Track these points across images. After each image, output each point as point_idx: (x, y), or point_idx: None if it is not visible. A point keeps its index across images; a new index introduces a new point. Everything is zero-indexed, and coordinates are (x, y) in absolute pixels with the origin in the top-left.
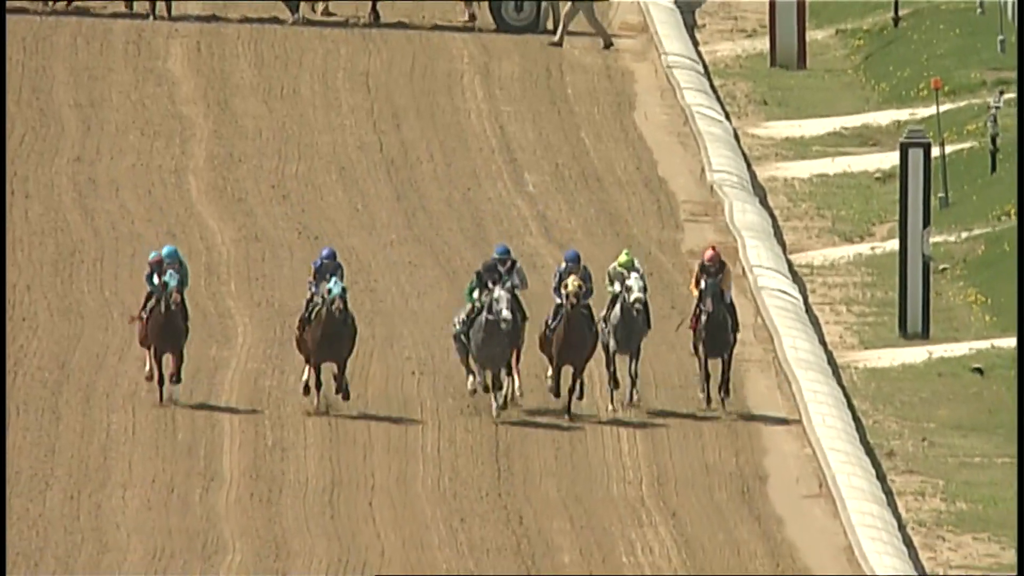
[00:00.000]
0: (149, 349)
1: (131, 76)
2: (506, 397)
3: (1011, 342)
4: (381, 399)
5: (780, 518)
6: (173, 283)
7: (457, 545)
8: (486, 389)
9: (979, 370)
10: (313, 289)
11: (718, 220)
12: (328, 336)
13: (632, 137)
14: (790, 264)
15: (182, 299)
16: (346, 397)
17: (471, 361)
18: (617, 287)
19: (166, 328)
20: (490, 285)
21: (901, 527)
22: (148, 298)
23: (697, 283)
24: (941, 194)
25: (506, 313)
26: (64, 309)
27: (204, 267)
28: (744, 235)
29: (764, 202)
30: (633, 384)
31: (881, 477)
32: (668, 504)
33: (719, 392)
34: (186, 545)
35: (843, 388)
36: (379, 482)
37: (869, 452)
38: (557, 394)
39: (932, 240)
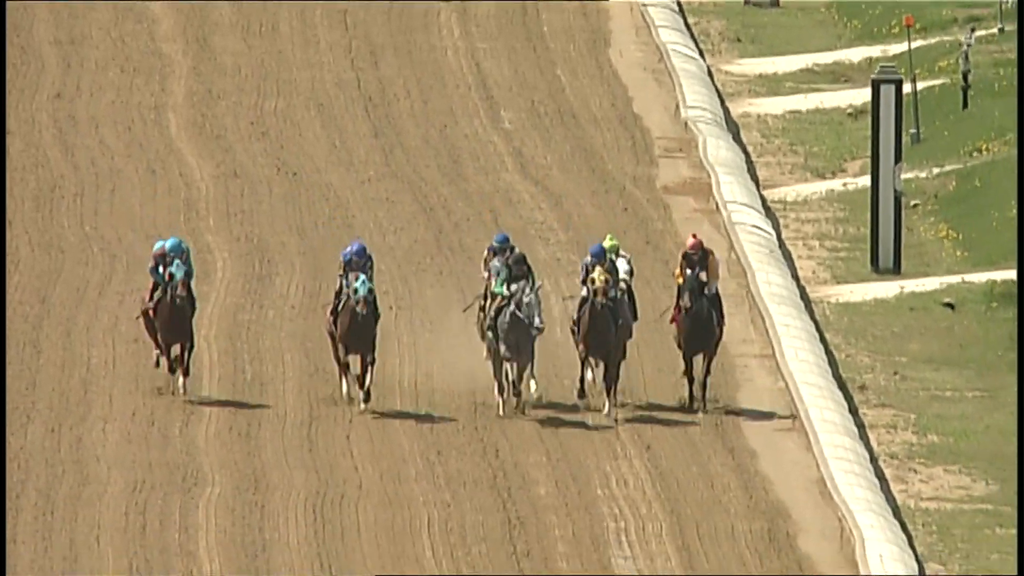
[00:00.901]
0: (156, 340)
1: (111, 14)
2: (524, 403)
3: (982, 277)
4: None
5: (753, 451)
6: (180, 274)
7: (434, 478)
8: (502, 390)
9: (950, 304)
10: (343, 281)
11: (692, 156)
12: (354, 329)
13: (607, 74)
14: (763, 200)
15: (189, 290)
16: (367, 398)
17: (495, 357)
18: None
19: (172, 319)
20: (521, 283)
21: (873, 459)
22: (154, 289)
23: (682, 272)
24: (913, 130)
25: (538, 322)
26: (45, 244)
27: (183, 203)
28: (718, 171)
29: (737, 138)
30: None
31: (853, 410)
32: (642, 437)
33: (700, 391)
34: (166, 477)
35: (816, 322)
36: (356, 415)
37: (841, 386)
38: (582, 395)
39: (904, 176)
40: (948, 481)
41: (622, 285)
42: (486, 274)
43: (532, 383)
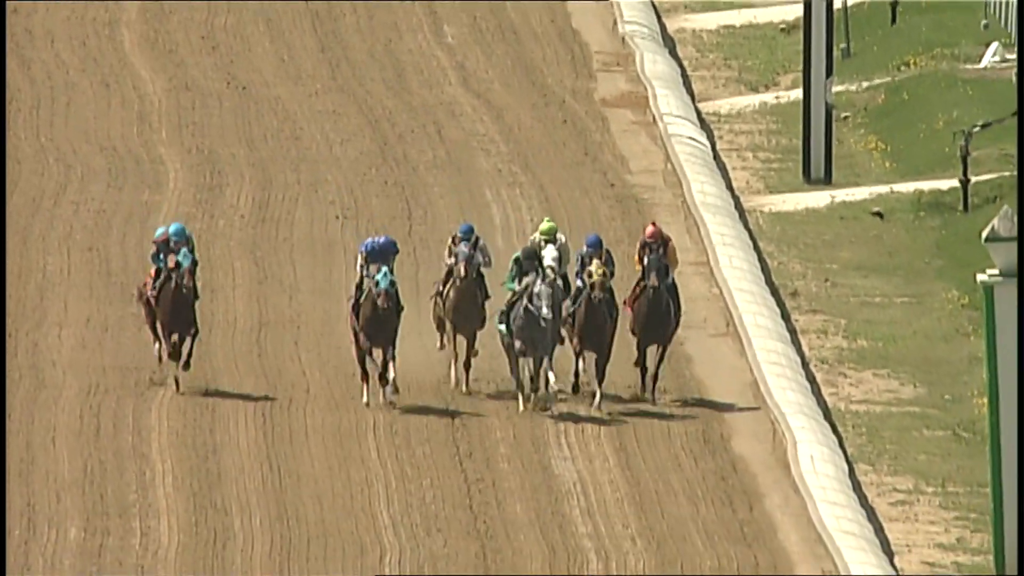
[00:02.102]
0: (154, 329)
1: None
2: (544, 398)
3: (909, 187)
4: (306, 242)
5: (689, 356)
6: (187, 263)
7: (378, 382)
8: (520, 387)
9: (879, 214)
10: (364, 272)
11: (629, 70)
12: (375, 323)
13: None
14: (698, 112)
15: (194, 279)
16: (395, 391)
17: (510, 354)
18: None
19: (176, 308)
20: (532, 275)
21: (804, 364)
22: (156, 276)
23: (640, 259)
24: (843, 45)
25: (546, 312)
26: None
27: (136, 115)
28: (654, 84)
29: (673, 53)
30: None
31: (785, 316)
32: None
33: (651, 382)
34: (119, 382)
35: (749, 231)
36: (305, 321)
37: (774, 292)
38: (576, 389)
39: (834, 89)
40: (877, 385)
41: (549, 273)
42: (451, 260)
43: (551, 376)
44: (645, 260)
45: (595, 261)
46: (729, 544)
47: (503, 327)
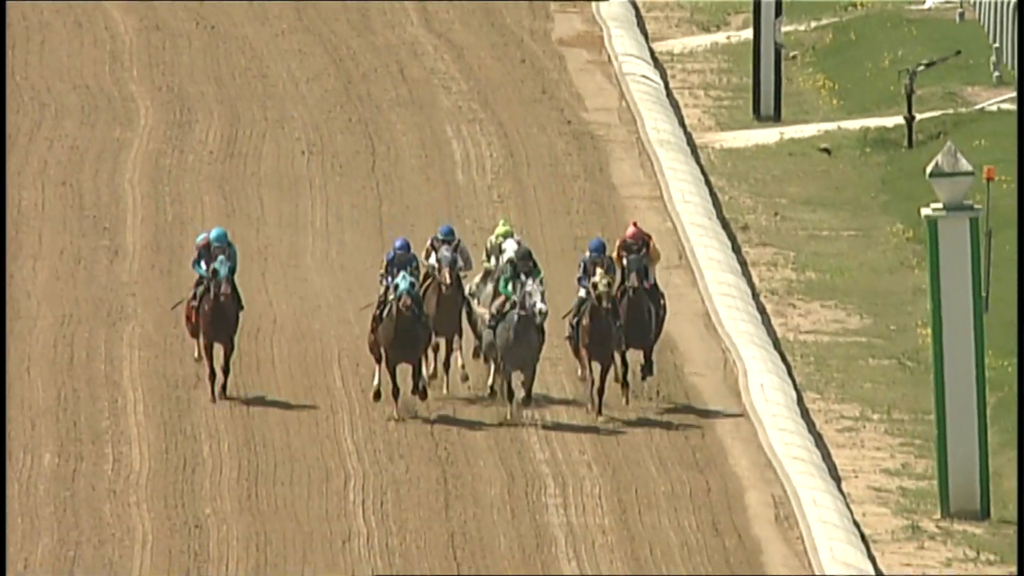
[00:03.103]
0: (197, 338)
1: None
2: (527, 396)
3: (856, 124)
4: (273, 177)
5: None
6: (224, 271)
7: (343, 312)
8: (493, 392)
9: (826, 150)
10: (386, 283)
11: (585, 11)
12: (401, 337)
13: None
14: (652, 52)
15: (233, 286)
16: (424, 396)
17: (492, 360)
18: (493, 261)
19: (216, 318)
20: (523, 277)
21: (755, 295)
22: (197, 284)
23: (619, 260)
24: None
25: (541, 306)
26: None
27: (109, 55)
28: (609, 25)
29: None
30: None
31: (736, 249)
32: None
33: (641, 376)
34: (92, 313)
35: (701, 166)
36: (272, 253)
37: (725, 226)
38: (601, 391)
39: (783, 29)
40: (825, 315)
41: (508, 267)
42: (430, 262)
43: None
44: (625, 261)
45: (599, 270)
46: (681, 469)
47: (490, 334)
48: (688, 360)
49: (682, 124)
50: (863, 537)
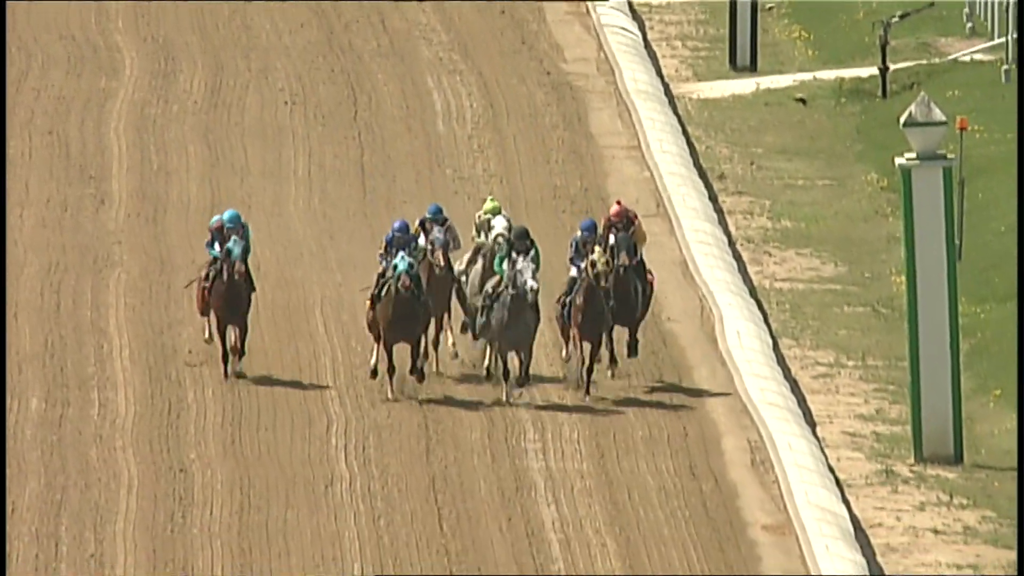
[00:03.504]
0: (208, 319)
1: None
2: (522, 376)
3: (831, 74)
4: (256, 127)
5: None
6: (237, 251)
7: (326, 260)
8: (489, 375)
9: (802, 100)
10: (384, 264)
11: None
12: (399, 316)
13: None
14: (630, 3)
15: (246, 268)
16: (421, 378)
17: (487, 341)
18: (483, 238)
19: (229, 299)
20: (513, 255)
21: (731, 243)
22: (210, 265)
23: (605, 238)
24: None
25: (532, 283)
26: None
27: (94, 6)
28: None
29: None
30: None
31: (713, 198)
32: (518, 223)
33: (627, 354)
34: (78, 260)
35: (678, 116)
36: (256, 202)
37: (702, 175)
38: (590, 370)
39: None
40: (800, 263)
41: (500, 240)
42: (429, 247)
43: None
44: (612, 239)
45: (597, 249)
46: (659, 414)
47: (482, 318)
48: (665, 307)
49: (659, 75)
50: (838, 481)
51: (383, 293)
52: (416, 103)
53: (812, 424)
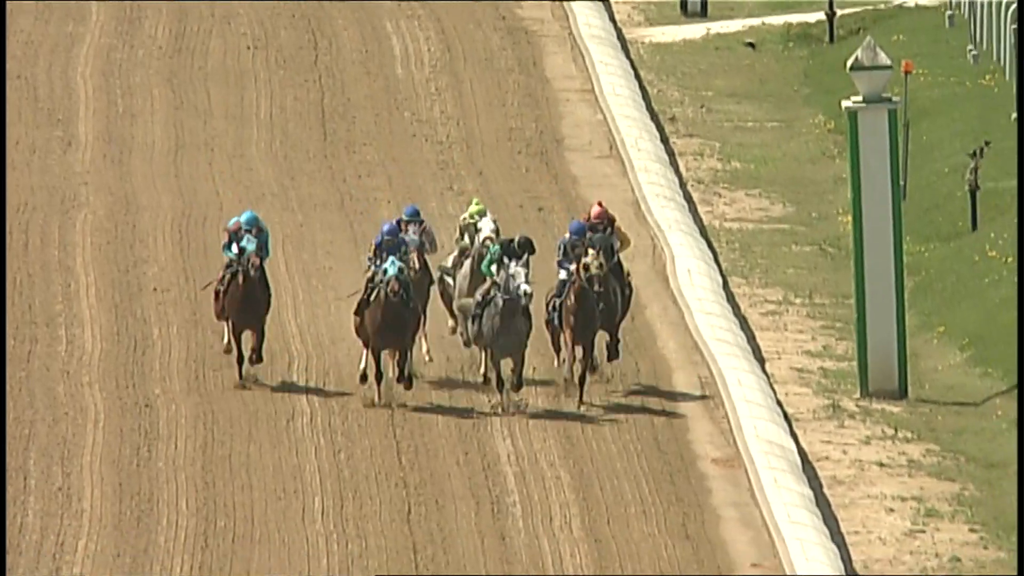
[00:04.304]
0: (227, 323)
1: None
2: (515, 382)
3: (779, 19)
4: (219, 71)
5: (575, 177)
6: (251, 247)
7: (287, 200)
8: (486, 380)
9: (751, 44)
10: (373, 268)
11: None
12: (387, 322)
13: None
14: None
15: (262, 267)
16: (409, 385)
17: (480, 348)
18: (468, 240)
19: (245, 301)
20: (506, 259)
21: (682, 184)
22: (227, 267)
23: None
24: None
25: (525, 287)
26: None
27: None
28: None
29: None
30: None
31: (664, 140)
32: (475, 165)
33: (607, 357)
34: (46, 201)
35: (631, 61)
36: (218, 145)
37: (654, 117)
38: (583, 379)
39: None
40: (749, 203)
41: (487, 243)
42: (410, 248)
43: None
44: (590, 240)
45: (590, 251)
46: None
47: (473, 325)
48: None
49: (612, 20)
50: (786, 416)
51: (372, 298)
52: (375, 47)
53: (761, 360)
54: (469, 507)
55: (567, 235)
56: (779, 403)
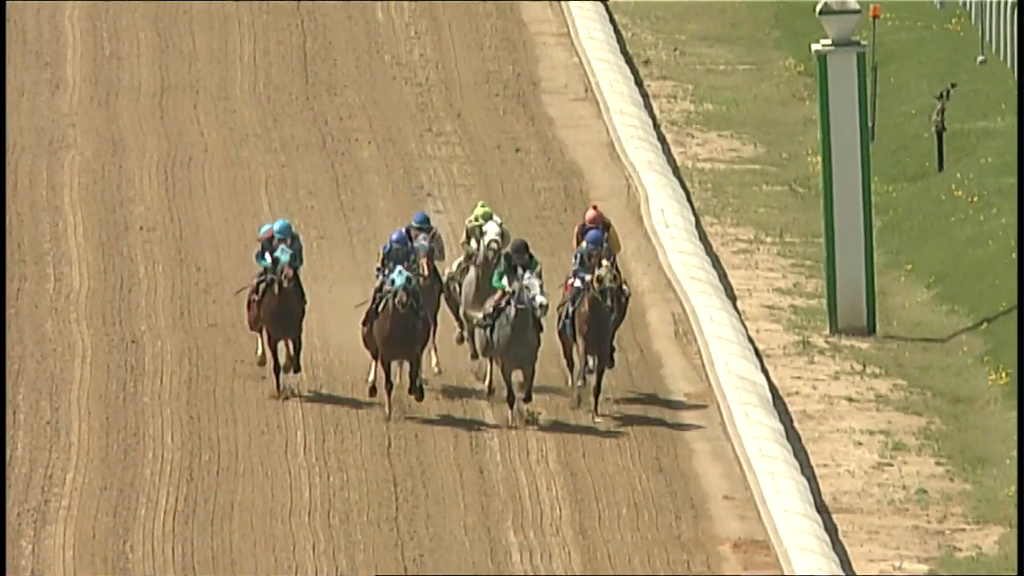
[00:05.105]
0: (261, 333)
1: None
2: (526, 394)
3: None
4: (204, 15)
5: (551, 118)
6: (285, 258)
7: (270, 141)
8: (491, 392)
9: None
10: (381, 278)
11: None
12: (397, 333)
13: None
14: None
15: (296, 276)
16: (420, 397)
17: (488, 359)
18: (474, 244)
19: (280, 313)
20: (519, 270)
21: (656, 126)
22: (259, 276)
23: (578, 243)
24: None
25: (541, 299)
26: None
27: None
28: None
29: None
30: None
31: (639, 82)
32: (454, 107)
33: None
34: (34, 142)
35: (605, 4)
36: (203, 87)
37: (628, 61)
38: (597, 388)
39: None
40: (721, 144)
41: (492, 246)
42: (420, 254)
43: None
44: (585, 245)
45: (604, 263)
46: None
47: (486, 332)
48: (593, 187)
49: None
50: (757, 352)
51: (380, 309)
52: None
53: (732, 298)
54: (448, 441)
55: (584, 244)
56: (750, 339)
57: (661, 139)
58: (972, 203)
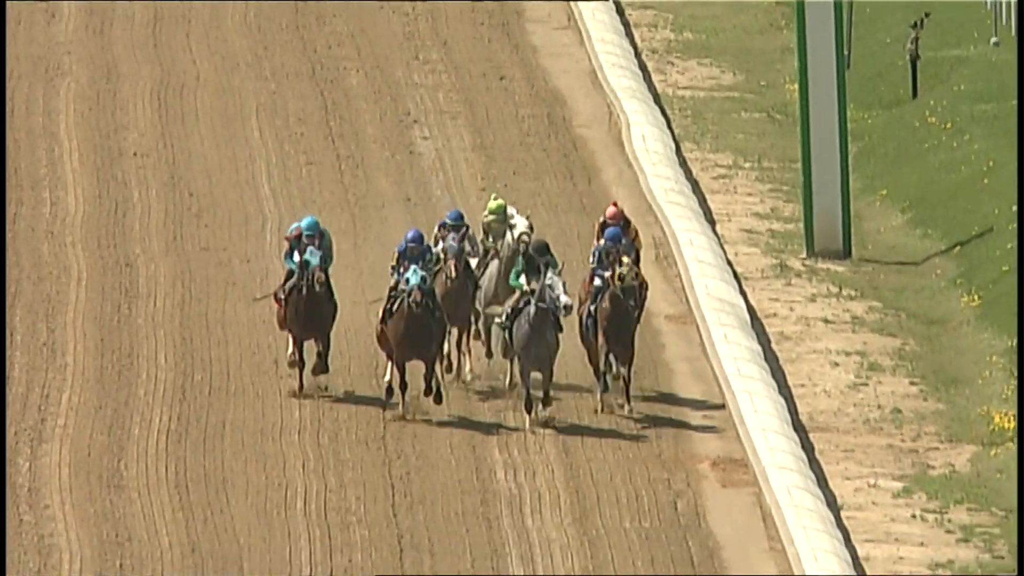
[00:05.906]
0: (290, 333)
1: None
2: (544, 396)
3: None
4: None
5: (535, 47)
6: (315, 261)
7: (260, 69)
8: (529, 406)
9: None
10: (396, 277)
11: None
12: (411, 333)
13: None
14: None
15: (326, 277)
16: (438, 400)
17: (509, 359)
18: (491, 240)
19: (309, 313)
20: (540, 268)
21: (637, 54)
22: (288, 277)
23: (598, 239)
24: None
25: (565, 299)
26: None
27: None
28: None
29: None
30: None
31: (620, 11)
32: (440, 35)
33: (624, 385)
34: (31, 69)
35: None
36: (195, 16)
37: None
38: (606, 389)
39: None
40: (701, 72)
41: (524, 239)
42: (438, 249)
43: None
44: (624, 247)
45: (625, 260)
46: (569, 212)
47: (504, 333)
48: (576, 114)
49: None
50: (735, 275)
51: (394, 308)
52: None
53: (712, 222)
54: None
55: (602, 241)
56: (729, 262)
57: (642, 67)
58: (945, 129)
